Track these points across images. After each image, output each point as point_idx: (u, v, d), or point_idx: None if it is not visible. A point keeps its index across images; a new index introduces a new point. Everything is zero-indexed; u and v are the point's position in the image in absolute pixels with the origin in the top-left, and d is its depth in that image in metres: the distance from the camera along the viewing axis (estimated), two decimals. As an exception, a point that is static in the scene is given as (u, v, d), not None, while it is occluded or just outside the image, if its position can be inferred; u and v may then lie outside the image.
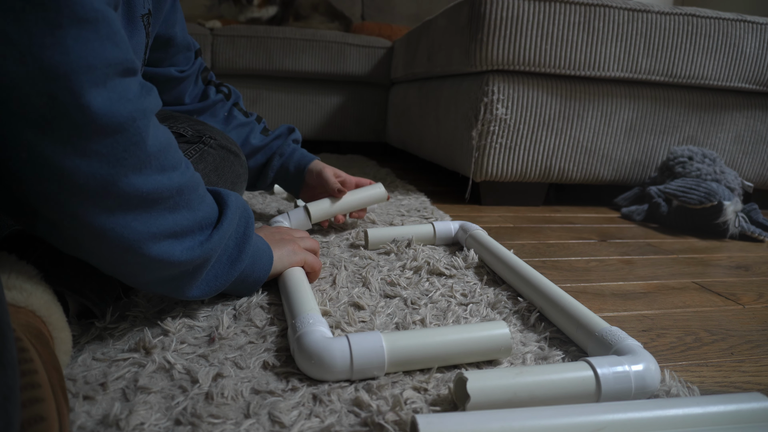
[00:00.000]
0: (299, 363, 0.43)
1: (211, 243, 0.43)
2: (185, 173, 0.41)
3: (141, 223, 0.37)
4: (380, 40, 2.03)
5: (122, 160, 0.35)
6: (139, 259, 0.39)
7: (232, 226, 0.47)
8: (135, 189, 0.36)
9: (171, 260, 0.40)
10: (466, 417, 0.34)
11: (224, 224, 0.45)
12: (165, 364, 0.42)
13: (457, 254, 0.76)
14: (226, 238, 0.46)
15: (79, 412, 0.36)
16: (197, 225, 0.43)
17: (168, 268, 0.41)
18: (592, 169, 1.28)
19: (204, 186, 0.45)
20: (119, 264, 0.39)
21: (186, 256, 0.41)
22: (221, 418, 0.36)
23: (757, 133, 1.35)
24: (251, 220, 0.51)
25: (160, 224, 0.39)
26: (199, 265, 0.43)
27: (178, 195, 0.40)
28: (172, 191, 0.39)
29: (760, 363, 0.52)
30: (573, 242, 0.95)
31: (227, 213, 0.46)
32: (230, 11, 2.11)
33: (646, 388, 0.41)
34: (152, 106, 0.38)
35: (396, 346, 0.43)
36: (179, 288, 0.44)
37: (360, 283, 0.64)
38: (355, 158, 1.95)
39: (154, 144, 0.37)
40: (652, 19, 1.18)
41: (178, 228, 0.40)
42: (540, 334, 0.53)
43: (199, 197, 0.43)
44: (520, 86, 1.18)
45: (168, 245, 0.40)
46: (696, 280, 0.77)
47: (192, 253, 0.42)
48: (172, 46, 0.72)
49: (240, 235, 0.49)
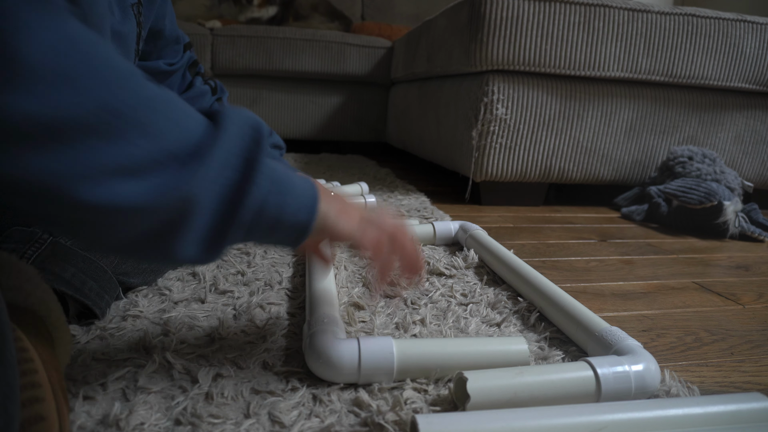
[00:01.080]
0: (308, 361, 0.42)
1: (194, 176, 0.32)
2: (126, 87, 0.30)
3: (61, 162, 0.28)
4: (380, 40, 2.04)
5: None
6: (82, 210, 0.29)
7: (232, 148, 0.34)
8: (19, 114, 0.26)
9: (127, 205, 0.30)
10: (466, 417, 0.34)
11: (217, 148, 0.33)
12: (165, 364, 0.42)
13: (457, 254, 0.76)
14: (222, 164, 0.34)
15: (79, 412, 0.36)
16: (166, 155, 0.31)
17: (130, 217, 0.30)
18: (592, 169, 1.28)
19: (181, 104, 0.34)
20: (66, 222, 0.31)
21: (152, 199, 0.30)
22: (221, 418, 0.36)
23: (757, 133, 1.35)
24: (263, 135, 0.37)
25: (94, 159, 0.29)
26: (181, 209, 0.32)
27: (115, 117, 0.29)
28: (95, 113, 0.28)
29: (760, 363, 0.52)
30: (573, 242, 0.95)
31: (222, 133, 0.34)
32: (230, 11, 2.11)
33: (646, 388, 0.41)
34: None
35: (407, 354, 0.42)
36: (167, 246, 0.33)
37: (360, 283, 0.64)
38: (355, 158, 1.95)
39: (39, 50, 0.27)
40: (652, 19, 1.18)
41: (130, 162, 0.30)
42: (540, 334, 0.53)
43: (165, 118, 0.32)
44: (520, 86, 1.18)
45: (117, 186, 0.29)
46: (696, 280, 0.77)
47: (162, 193, 0.31)
48: (160, 38, 0.70)
49: (245, 155, 0.35)
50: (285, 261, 0.70)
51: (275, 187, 0.37)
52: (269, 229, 0.37)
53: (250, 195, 0.34)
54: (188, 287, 0.58)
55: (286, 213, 0.37)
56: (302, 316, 0.53)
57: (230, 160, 0.34)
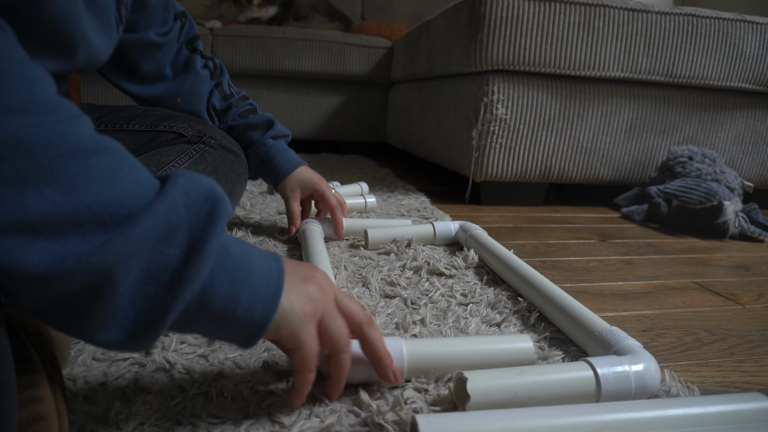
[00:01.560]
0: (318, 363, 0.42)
1: (114, 246, 0.25)
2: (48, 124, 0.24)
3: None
4: (380, 40, 2.04)
5: None
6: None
7: (171, 218, 0.28)
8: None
9: (20, 270, 0.23)
10: (466, 417, 0.34)
11: (149, 216, 0.27)
12: (165, 364, 0.42)
13: (457, 254, 0.76)
14: (153, 237, 0.27)
15: (79, 412, 0.36)
16: (86, 215, 0.25)
17: (31, 284, 0.24)
18: (592, 169, 1.28)
19: (126, 156, 0.28)
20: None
21: (55, 267, 0.24)
22: (221, 418, 0.36)
23: (757, 133, 1.35)
24: (220, 212, 0.30)
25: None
26: (96, 284, 0.26)
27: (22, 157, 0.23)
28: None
29: (760, 363, 0.52)
30: (573, 242, 0.95)
31: (161, 198, 0.28)
32: (230, 11, 2.11)
33: (646, 388, 0.41)
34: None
35: (416, 353, 0.42)
36: (79, 323, 0.27)
37: (360, 283, 0.64)
38: (355, 158, 1.95)
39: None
40: (652, 19, 1.18)
41: (33, 216, 0.23)
42: (540, 334, 0.53)
43: (97, 172, 0.26)
44: (520, 86, 1.18)
45: (12, 245, 0.23)
46: (696, 280, 0.77)
47: (70, 261, 0.24)
48: (146, 5, 0.66)
49: (190, 231, 0.29)
50: (285, 261, 0.70)
51: (225, 275, 0.30)
52: (217, 324, 0.31)
53: (186, 281, 0.28)
54: (188, 287, 0.58)
55: (238, 308, 0.31)
56: (302, 316, 0.53)
57: (165, 233, 0.28)
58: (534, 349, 0.44)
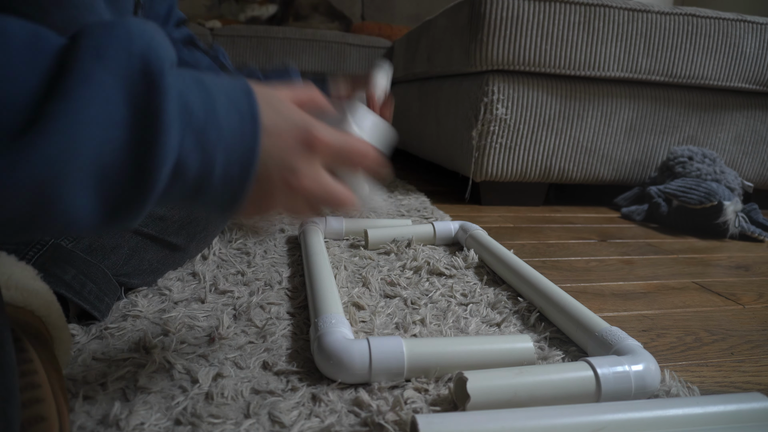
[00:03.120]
0: (318, 363, 0.42)
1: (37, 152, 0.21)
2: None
3: None
4: (380, 40, 2.04)
5: None
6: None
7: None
8: None
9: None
10: (466, 417, 0.34)
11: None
12: (165, 364, 0.42)
13: (457, 254, 0.76)
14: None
15: (79, 412, 0.36)
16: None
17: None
18: (592, 169, 1.28)
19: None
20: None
21: None
22: (221, 418, 0.36)
23: (757, 133, 1.35)
24: (158, 65, 0.24)
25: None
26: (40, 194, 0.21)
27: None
28: None
29: (760, 363, 0.52)
30: (573, 242, 0.95)
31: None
32: (231, 9, 2.11)
33: (646, 388, 0.41)
34: None
35: (416, 352, 0.42)
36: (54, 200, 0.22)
37: (360, 283, 0.64)
38: (355, 158, 1.95)
39: None
40: (652, 19, 1.18)
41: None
42: (540, 334, 0.53)
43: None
44: (520, 86, 1.18)
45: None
46: (696, 280, 0.77)
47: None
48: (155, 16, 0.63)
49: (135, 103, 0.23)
50: (285, 261, 0.70)
51: (193, 141, 0.25)
52: (192, 193, 0.27)
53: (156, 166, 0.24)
54: (188, 287, 0.58)
55: (213, 173, 0.27)
56: (302, 316, 0.53)
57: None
58: (534, 349, 0.44)
